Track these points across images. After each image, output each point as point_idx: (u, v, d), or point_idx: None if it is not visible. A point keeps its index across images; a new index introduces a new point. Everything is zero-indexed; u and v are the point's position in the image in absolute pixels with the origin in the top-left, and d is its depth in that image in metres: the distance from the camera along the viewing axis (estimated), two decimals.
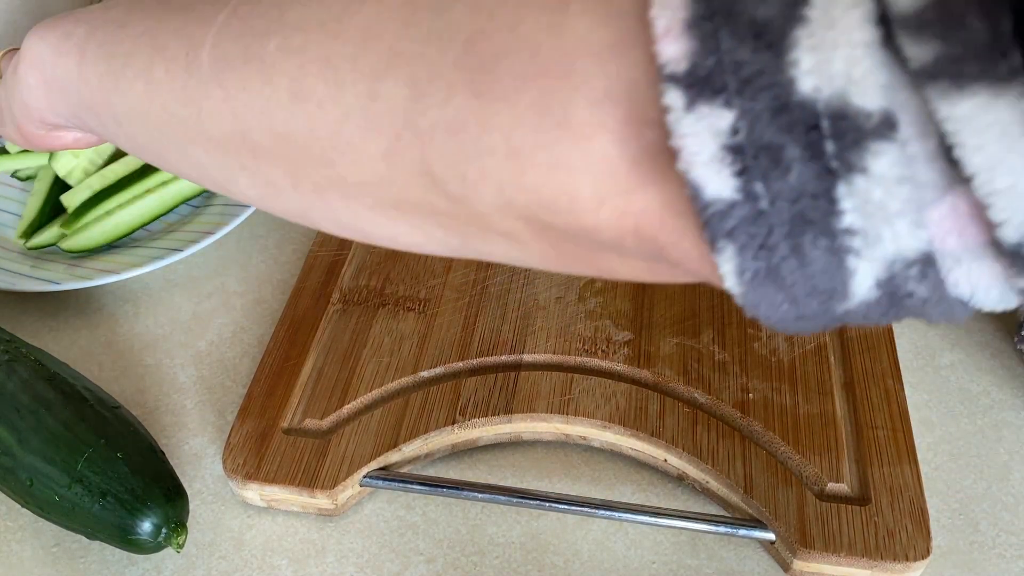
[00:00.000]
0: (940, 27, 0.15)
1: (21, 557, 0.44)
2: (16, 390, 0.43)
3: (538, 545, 0.43)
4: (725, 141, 0.17)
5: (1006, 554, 0.43)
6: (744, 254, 0.18)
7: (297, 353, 0.49)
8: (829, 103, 0.16)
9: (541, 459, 0.47)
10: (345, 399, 0.46)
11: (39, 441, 0.41)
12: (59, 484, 0.41)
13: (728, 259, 0.19)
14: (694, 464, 0.43)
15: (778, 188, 0.17)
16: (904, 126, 0.16)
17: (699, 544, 0.43)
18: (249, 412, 0.46)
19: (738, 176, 0.18)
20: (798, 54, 0.16)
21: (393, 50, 0.23)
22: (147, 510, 0.40)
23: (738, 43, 0.17)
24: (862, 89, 0.16)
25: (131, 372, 0.52)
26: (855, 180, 0.17)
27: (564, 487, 0.45)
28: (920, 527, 0.40)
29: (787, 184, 0.17)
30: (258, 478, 0.43)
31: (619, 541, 0.43)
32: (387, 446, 0.44)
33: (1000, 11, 0.15)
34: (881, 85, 0.16)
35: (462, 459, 0.47)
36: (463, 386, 0.47)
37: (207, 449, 0.48)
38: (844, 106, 0.16)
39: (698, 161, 0.18)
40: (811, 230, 0.18)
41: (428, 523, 0.44)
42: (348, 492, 0.44)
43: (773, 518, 0.41)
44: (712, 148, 0.18)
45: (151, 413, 0.50)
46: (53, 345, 0.54)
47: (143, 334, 0.54)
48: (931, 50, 0.15)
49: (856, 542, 0.40)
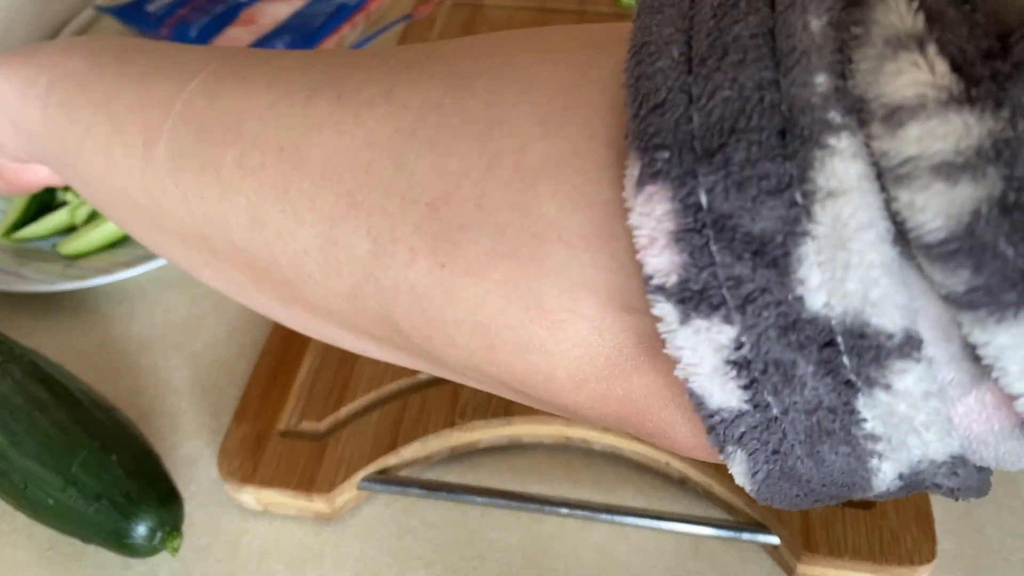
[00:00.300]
0: (971, 257, 0.14)
1: (15, 561, 0.43)
2: (9, 392, 0.43)
3: (539, 550, 0.43)
4: (728, 356, 0.16)
5: (1012, 558, 0.42)
6: (756, 458, 0.17)
7: (293, 355, 0.48)
8: (844, 321, 0.15)
9: (542, 462, 0.46)
10: (342, 401, 0.46)
11: (33, 443, 0.41)
12: (53, 487, 0.40)
13: (739, 462, 0.18)
14: (696, 467, 0.43)
15: (791, 401, 0.16)
16: (928, 344, 0.15)
17: (702, 548, 0.43)
18: (245, 415, 0.46)
19: (745, 389, 0.16)
20: (806, 272, 0.15)
21: (352, 198, 0.21)
22: (142, 513, 0.40)
23: (735, 259, 0.15)
24: (881, 311, 0.15)
25: (125, 374, 0.52)
26: (877, 395, 0.16)
27: (565, 491, 0.45)
28: (925, 531, 0.40)
29: (801, 397, 0.16)
30: (254, 481, 0.43)
31: (621, 545, 0.43)
32: (385, 449, 0.44)
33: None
34: (901, 307, 0.15)
35: (461, 462, 0.46)
36: (462, 388, 0.46)
37: (202, 452, 0.48)
38: (862, 325, 0.15)
39: (699, 373, 0.17)
40: (830, 439, 0.16)
41: (427, 527, 0.44)
42: (345, 496, 0.43)
43: (777, 522, 0.41)
44: (714, 361, 0.16)
45: (146, 415, 0.49)
46: (47, 346, 0.53)
47: (138, 335, 0.54)
48: (963, 280, 0.14)
49: (861, 546, 0.40)
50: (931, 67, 0.14)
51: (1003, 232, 0.13)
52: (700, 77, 0.16)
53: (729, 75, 0.16)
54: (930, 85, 0.14)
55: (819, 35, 0.15)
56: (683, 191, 0.16)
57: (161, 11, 0.75)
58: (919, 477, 0.17)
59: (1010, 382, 0.14)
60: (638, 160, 0.16)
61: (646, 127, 0.16)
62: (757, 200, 0.15)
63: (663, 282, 0.16)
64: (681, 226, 0.16)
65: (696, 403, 0.17)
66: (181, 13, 0.75)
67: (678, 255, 0.16)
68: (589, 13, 0.75)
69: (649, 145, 0.16)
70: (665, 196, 0.16)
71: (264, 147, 0.23)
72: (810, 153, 0.15)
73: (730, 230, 0.15)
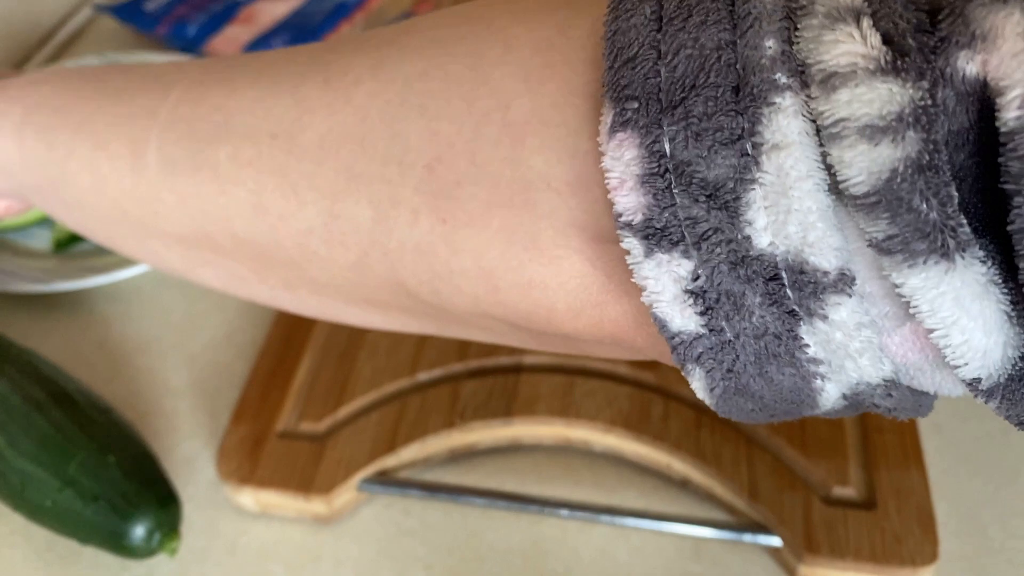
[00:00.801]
0: (889, 209, 0.16)
1: (12, 562, 0.43)
2: (6, 392, 0.42)
3: (539, 551, 0.43)
4: (686, 286, 0.18)
5: (1015, 559, 0.42)
6: (713, 375, 0.19)
7: (292, 355, 0.48)
8: (786, 259, 0.17)
9: (542, 464, 0.46)
10: (341, 402, 0.46)
11: (30, 444, 0.41)
12: (50, 488, 0.40)
13: (698, 378, 0.19)
14: (698, 468, 0.43)
15: (742, 326, 0.18)
16: (860, 280, 0.17)
17: (703, 550, 0.42)
18: (243, 415, 0.45)
19: (701, 315, 0.18)
20: (753, 215, 0.17)
21: (351, 171, 0.22)
22: (139, 515, 0.40)
23: (692, 201, 0.17)
24: (818, 251, 0.17)
25: (123, 374, 0.51)
26: (816, 323, 0.17)
27: (565, 492, 0.45)
28: (927, 532, 0.40)
29: (750, 324, 0.18)
30: (252, 482, 0.43)
31: (621, 547, 0.43)
32: (384, 450, 0.44)
33: (945, 190, 0.15)
34: (835, 248, 0.17)
35: (461, 464, 0.46)
36: (461, 389, 0.46)
37: (201, 453, 0.47)
38: (802, 263, 0.17)
39: (661, 300, 0.18)
40: (776, 361, 0.18)
41: (426, 529, 0.44)
42: (344, 497, 0.43)
43: (778, 523, 0.40)
44: (674, 290, 0.18)
45: (143, 416, 0.49)
46: (44, 347, 0.53)
47: (135, 336, 0.54)
48: (882, 229, 0.16)
49: (863, 547, 0.39)
50: (864, 38, 0.15)
51: (918, 189, 0.15)
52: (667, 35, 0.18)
53: (692, 34, 0.17)
54: (861, 55, 0.15)
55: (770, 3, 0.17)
56: (649, 139, 0.17)
57: (159, 10, 0.75)
58: (859, 398, 0.19)
59: (923, 319, 0.16)
60: (611, 109, 0.18)
61: (619, 79, 0.18)
62: (712, 149, 0.17)
63: (631, 219, 0.18)
64: (646, 170, 0.18)
65: (660, 326, 0.19)
66: (179, 12, 0.75)
67: (643, 196, 0.18)
68: None
69: (621, 96, 0.18)
70: (633, 143, 0.18)
71: (257, 138, 0.24)
72: (759, 109, 0.16)
73: (688, 175, 0.17)
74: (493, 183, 0.20)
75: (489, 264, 0.21)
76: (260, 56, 0.26)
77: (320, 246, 0.24)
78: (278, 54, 0.26)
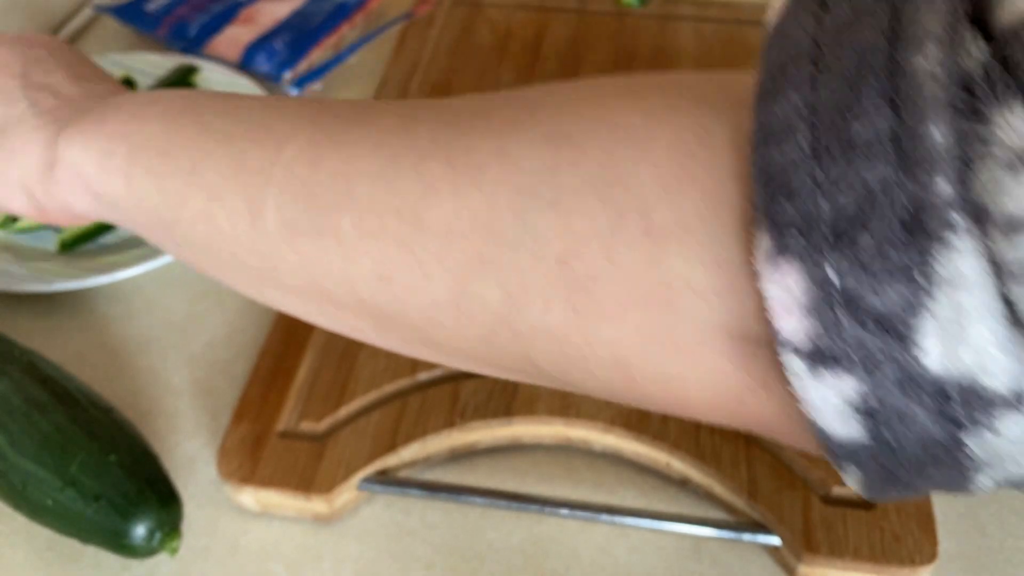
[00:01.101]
0: None
1: (13, 561, 0.43)
2: (8, 392, 0.42)
3: (539, 550, 0.43)
4: (852, 402, 0.18)
5: (1014, 559, 0.42)
6: (871, 475, 0.19)
7: (293, 355, 0.48)
8: (959, 382, 0.17)
9: (542, 463, 0.46)
10: (342, 402, 0.46)
11: (31, 444, 0.41)
12: (52, 487, 0.40)
13: (854, 476, 0.19)
14: (697, 468, 0.43)
15: (907, 438, 0.18)
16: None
17: (702, 549, 0.42)
18: (244, 415, 0.45)
19: (867, 428, 0.18)
20: (925, 343, 0.17)
21: (480, 255, 0.23)
22: (140, 514, 0.40)
23: (861, 328, 0.17)
24: (992, 376, 0.17)
25: (124, 374, 0.52)
26: (984, 434, 0.17)
27: (565, 491, 0.45)
28: (926, 531, 0.40)
29: (915, 434, 0.18)
30: (253, 482, 0.43)
31: (621, 546, 0.43)
32: (384, 449, 0.44)
33: None
34: (1011, 372, 0.17)
35: (461, 463, 0.46)
36: (462, 388, 0.46)
37: (201, 452, 0.47)
38: (974, 385, 0.17)
39: (824, 412, 0.18)
40: (938, 464, 0.18)
41: (426, 528, 0.44)
42: (345, 496, 0.43)
43: (778, 522, 0.40)
44: (838, 405, 0.18)
45: (144, 416, 0.49)
46: (45, 347, 0.53)
47: (136, 335, 0.54)
48: None
49: (862, 547, 0.39)
50: None
51: None
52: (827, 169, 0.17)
53: (855, 167, 0.17)
54: None
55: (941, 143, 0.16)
56: (814, 267, 0.18)
57: (160, 10, 0.75)
58: (1013, 483, 0.19)
59: None
60: (767, 234, 0.18)
61: (776, 207, 0.18)
62: (882, 280, 0.17)
63: (795, 342, 0.18)
64: (814, 299, 0.18)
65: (818, 434, 0.19)
66: (180, 12, 0.75)
67: (810, 322, 0.18)
68: (589, 12, 0.74)
69: (779, 223, 0.18)
70: (795, 269, 0.18)
71: (381, 211, 0.24)
72: (931, 245, 0.16)
73: (856, 302, 0.17)
74: (631, 281, 0.20)
75: (625, 356, 0.21)
76: (372, 118, 0.26)
77: (446, 318, 0.24)
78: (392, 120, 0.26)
